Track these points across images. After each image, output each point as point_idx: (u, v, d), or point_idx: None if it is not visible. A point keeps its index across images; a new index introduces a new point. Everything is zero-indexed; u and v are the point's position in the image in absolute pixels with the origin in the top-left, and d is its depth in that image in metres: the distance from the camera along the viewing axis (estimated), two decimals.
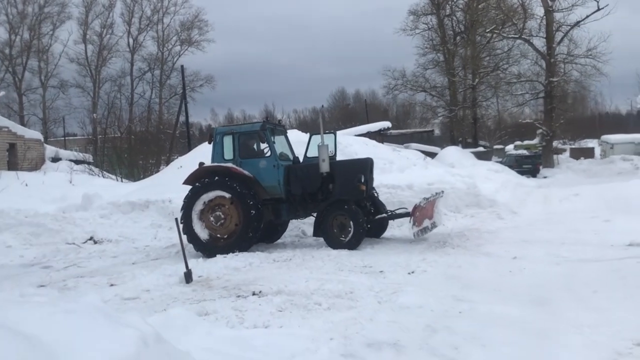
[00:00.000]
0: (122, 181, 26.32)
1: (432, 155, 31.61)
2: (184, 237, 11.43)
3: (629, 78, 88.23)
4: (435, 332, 6.06)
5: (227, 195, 12.14)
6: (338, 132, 21.58)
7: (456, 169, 21.54)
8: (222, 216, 12.23)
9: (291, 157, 13.57)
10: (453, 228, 13.25)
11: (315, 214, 12.53)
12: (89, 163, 30.27)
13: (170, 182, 17.90)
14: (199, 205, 12.31)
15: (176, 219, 10.05)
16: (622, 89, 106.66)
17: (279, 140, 13.33)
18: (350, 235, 11.73)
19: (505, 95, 43.71)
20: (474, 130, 46.79)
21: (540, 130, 40.40)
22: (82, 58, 57.69)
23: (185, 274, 9.37)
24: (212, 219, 12.27)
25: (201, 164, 12.95)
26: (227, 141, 12.80)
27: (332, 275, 9.02)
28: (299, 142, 19.39)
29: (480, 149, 43.54)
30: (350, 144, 19.96)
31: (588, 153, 52.41)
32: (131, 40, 59.08)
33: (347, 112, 75.32)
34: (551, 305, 6.86)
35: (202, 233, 12.27)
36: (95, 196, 17.12)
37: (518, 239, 11.55)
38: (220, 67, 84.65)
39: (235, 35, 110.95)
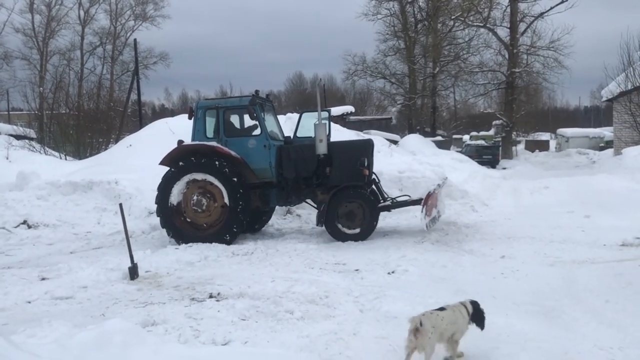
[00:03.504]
0: (65, 159, 24.45)
1: (393, 143, 30.84)
2: (157, 221, 10.23)
3: (597, 71, 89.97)
4: (435, 353, 4.98)
5: (212, 178, 10.76)
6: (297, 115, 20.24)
7: (423, 157, 20.65)
8: (205, 202, 10.86)
9: (281, 136, 12.17)
10: None
11: (308, 200, 11.48)
12: (30, 139, 28.17)
13: (118, 162, 16.49)
14: (177, 189, 10.90)
15: (120, 205, 8.67)
16: (588, 84, 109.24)
17: (267, 118, 11.75)
18: (361, 225, 10.66)
19: (466, 85, 43.37)
20: (433, 120, 46.35)
21: (496, 122, 40.26)
22: (29, 29, 54.31)
23: (129, 268, 8.12)
24: (193, 205, 10.88)
25: (180, 141, 11.42)
26: (210, 117, 11.37)
27: (302, 274, 7.89)
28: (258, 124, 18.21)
29: (439, 138, 43.16)
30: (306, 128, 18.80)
31: (543, 146, 52.97)
32: (82, 13, 56.05)
33: (304, 96, 74.12)
34: (561, 318, 5.90)
35: (181, 220, 10.91)
36: (32, 175, 15.38)
37: (500, 234, 10.65)
38: (175, 46, 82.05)
39: (191, 15, 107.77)
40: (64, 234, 12.27)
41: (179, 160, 10.96)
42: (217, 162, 10.74)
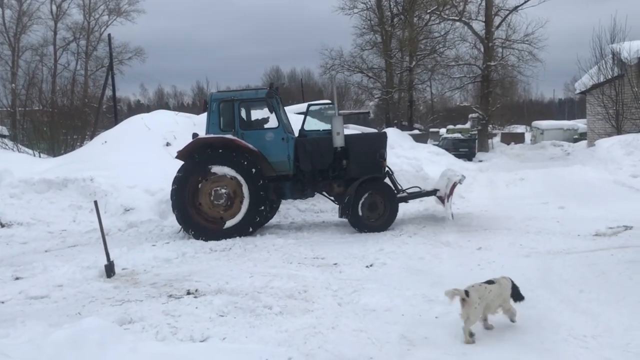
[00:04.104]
0: (39, 156, 24.06)
1: None
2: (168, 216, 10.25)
3: (570, 64, 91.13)
4: (413, 345, 5.04)
5: (232, 171, 10.68)
6: None
7: (400, 150, 20.73)
8: (225, 195, 10.74)
9: (291, 129, 12.11)
10: (405, 213, 12.33)
11: (325, 193, 11.60)
12: (3, 136, 27.67)
13: (93, 159, 16.26)
14: (194, 183, 10.78)
15: (95, 202, 8.57)
16: (562, 76, 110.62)
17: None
18: (382, 215, 10.83)
19: (442, 79, 43.60)
20: (410, 113, 46.52)
21: (472, 115, 40.56)
22: None
23: (106, 266, 8.03)
24: (212, 198, 10.76)
25: (195, 135, 11.34)
26: (226, 109, 11.21)
27: (281, 269, 7.89)
28: None
29: (416, 131, 43.33)
30: (292, 121, 18.74)
31: (518, 138, 53.52)
32: (54, 7, 55.04)
33: (282, 90, 73.72)
34: (537, 308, 5.96)
35: (198, 215, 10.79)
36: (4, 172, 15.08)
37: (477, 226, 10.75)
38: (150, 41, 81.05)
39: (166, 10, 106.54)
40: (38, 232, 12.06)
41: (196, 153, 10.85)
42: (236, 155, 10.69)
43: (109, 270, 8.01)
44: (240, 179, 10.68)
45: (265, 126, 11.55)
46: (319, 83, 69.57)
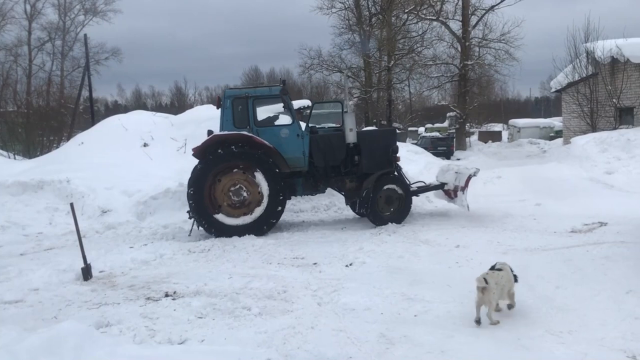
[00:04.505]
0: (14, 158, 23.68)
1: None
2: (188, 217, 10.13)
3: (546, 63, 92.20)
4: (392, 344, 5.06)
5: (250, 169, 10.69)
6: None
7: None
8: (243, 192, 10.75)
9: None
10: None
11: (336, 188, 11.83)
12: None
13: (70, 160, 16.05)
14: (212, 180, 10.71)
15: (71, 204, 8.45)
16: (538, 75, 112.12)
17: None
18: (397, 208, 11.15)
19: (420, 78, 43.82)
20: (389, 112, 46.69)
21: (450, 114, 40.83)
22: None
23: (83, 269, 7.93)
24: (231, 196, 10.73)
25: (210, 132, 11.30)
26: (240, 106, 11.18)
27: (260, 270, 7.86)
28: (215, 119, 18.02)
29: None
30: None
31: (496, 136, 53.96)
32: (28, 7, 54.13)
33: None
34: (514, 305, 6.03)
35: (217, 212, 10.73)
36: None
37: (455, 224, 10.82)
38: (127, 41, 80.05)
39: (143, 9, 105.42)
40: (13, 235, 11.85)
41: (213, 150, 10.76)
42: (255, 152, 10.69)
43: (86, 273, 7.91)
44: (260, 176, 10.70)
45: (280, 123, 11.58)
46: (298, 82, 69.43)
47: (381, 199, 11.10)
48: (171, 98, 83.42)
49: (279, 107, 11.92)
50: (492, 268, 5.89)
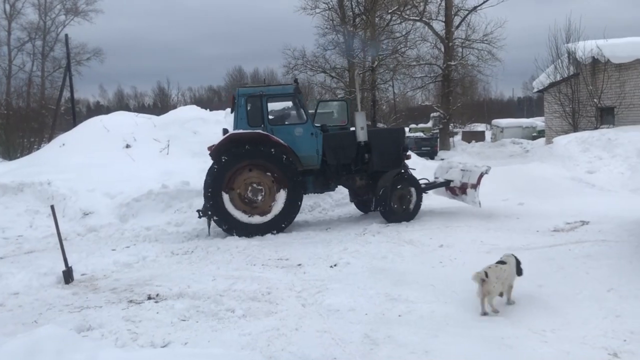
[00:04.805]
0: None
1: None
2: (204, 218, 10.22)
3: (528, 63, 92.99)
4: (376, 344, 5.05)
5: (269, 166, 10.77)
6: None
7: None
8: (262, 191, 10.83)
9: None
10: (368, 212, 12.40)
11: (345, 186, 12.08)
12: None
13: (51, 162, 15.85)
14: (229, 179, 10.72)
15: (52, 207, 8.35)
16: (520, 75, 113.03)
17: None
18: (410, 206, 11.40)
19: (404, 79, 43.96)
20: (373, 113, 46.75)
21: (434, 114, 41.01)
22: None
23: (64, 272, 7.85)
24: (248, 194, 10.78)
25: (225, 130, 11.47)
26: (253, 105, 11.21)
27: (244, 271, 7.82)
28: (199, 119, 17.94)
29: None
30: None
31: (479, 136, 54.32)
32: (7, 7, 53.43)
33: None
34: (497, 305, 6.06)
35: (236, 211, 10.72)
36: None
37: (439, 223, 10.84)
38: (109, 41, 79.44)
39: (124, 9, 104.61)
40: None
41: (230, 149, 10.74)
42: (272, 150, 10.74)
43: (67, 276, 7.82)
44: (278, 174, 10.80)
45: (293, 121, 11.69)
46: (282, 83, 69.31)
47: (395, 197, 11.28)
48: (154, 99, 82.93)
49: (281, 105, 12.05)
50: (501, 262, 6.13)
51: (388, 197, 11.16)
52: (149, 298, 6.70)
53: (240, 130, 10.92)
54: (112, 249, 9.95)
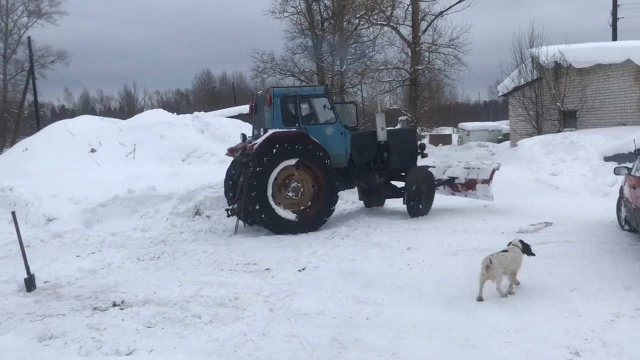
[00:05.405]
0: None
1: None
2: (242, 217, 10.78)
3: (493, 67, 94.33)
4: (344, 347, 5.06)
5: (309, 164, 11.14)
6: (207, 114, 20.25)
7: None
8: (301, 188, 11.25)
9: None
10: (337, 215, 12.43)
11: (363, 184, 12.68)
12: None
13: (13, 167, 15.51)
14: (273, 178, 10.95)
15: (12, 213, 8.16)
16: (486, 79, 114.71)
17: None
18: (425, 201, 12.17)
19: (372, 82, 44.18)
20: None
21: (402, 117, 41.30)
22: None
23: (25, 280, 7.66)
24: (289, 191, 11.17)
25: (243, 135, 12.37)
26: (287, 105, 11.53)
27: (211, 277, 7.75)
28: (166, 123, 17.76)
29: None
30: (223, 125, 18.59)
31: (446, 139, 54.93)
32: None
33: (213, 94, 73.02)
34: (464, 305, 6.14)
35: (280, 209, 11.03)
36: None
37: (406, 226, 10.93)
38: (74, 44, 78.10)
39: (90, 12, 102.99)
40: None
41: (273, 148, 10.88)
42: (312, 149, 11.09)
43: (29, 284, 7.64)
44: (318, 172, 11.17)
45: (323, 121, 12.00)
46: (251, 86, 68.98)
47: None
48: (120, 102, 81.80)
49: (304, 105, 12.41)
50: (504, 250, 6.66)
51: (422, 192, 12.00)
52: (114, 305, 6.58)
53: (280, 130, 11.10)
54: (76, 255, 9.74)
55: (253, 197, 10.73)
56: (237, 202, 11.47)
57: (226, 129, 18.32)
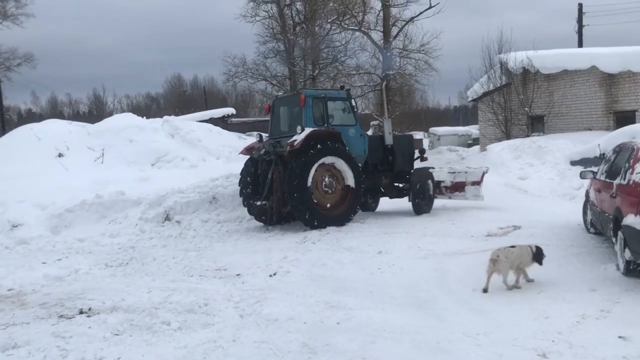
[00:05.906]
0: None
1: None
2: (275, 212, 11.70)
3: (463, 73, 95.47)
4: (314, 353, 5.03)
5: (342, 162, 11.84)
6: (178, 118, 20.14)
7: None
8: (334, 184, 11.90)
9: None
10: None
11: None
12: None
13: None
14: (312, 173, 11.52)
15: None
16: (456, 85, 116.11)
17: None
18: (428, 200, 13.10)
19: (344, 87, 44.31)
20: None
21: (373, 122, 41.46)
22: None
23: None
24: (324, 187, 11.79)
25: (259, 135, 12.97)
26: (316, 106, 12.13)
27: (181, 283, 7.66)
28: (135, 127, 17.56)
29: None
30: (193, 129, 18.42)
31: (417, 144, 55.38)
32: None
33: (184, 98, 72.48)
34: (434, 309, 6.18)
35: (318, 205, 11.64)
36: None
37: (378, 230, 10.98)
38: (41, 46, 76.54)
39: (57, 14, 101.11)
40: None
41: (312, 145, 11.42)
42: (345, 147, 11.86)
43: None
44: (348, 169, 11.86)
45: (344, 123, 12.61)
46: (222, 90, 68.67)
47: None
48: (89, 106, 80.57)
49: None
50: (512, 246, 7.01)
51: (426, 190, 12.94)
52: (81, 312, 6.46)
53: (318, 129, 11.69)
54: (42, 262, 9.52)
55: (293, 189, 11.16)
56: (265, 200, 11.97)
57: (197, 133, 18.18)
